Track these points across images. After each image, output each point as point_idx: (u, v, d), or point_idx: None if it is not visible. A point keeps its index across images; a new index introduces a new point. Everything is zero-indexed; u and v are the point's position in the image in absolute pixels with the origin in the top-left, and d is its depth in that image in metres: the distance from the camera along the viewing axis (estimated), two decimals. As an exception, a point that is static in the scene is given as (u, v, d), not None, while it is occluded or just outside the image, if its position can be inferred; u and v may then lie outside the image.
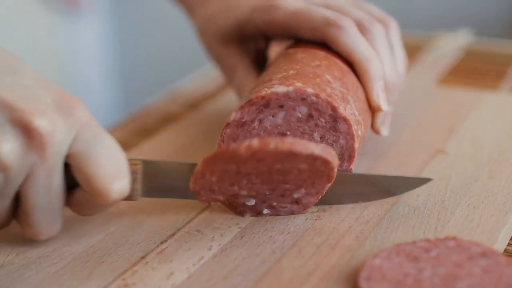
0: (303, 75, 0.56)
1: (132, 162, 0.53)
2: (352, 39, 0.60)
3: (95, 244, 0.54)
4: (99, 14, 1.83)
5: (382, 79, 0.61)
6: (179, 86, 0.88)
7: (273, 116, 0.54)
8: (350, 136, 0.54)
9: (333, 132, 0.54)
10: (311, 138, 0.55)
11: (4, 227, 0.53)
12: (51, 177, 0.49)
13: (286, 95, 0.53)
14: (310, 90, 0.53)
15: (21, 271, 0.51)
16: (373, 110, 0.61)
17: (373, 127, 0.62)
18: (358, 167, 0.61)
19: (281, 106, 0.54)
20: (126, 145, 0.73)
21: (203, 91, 0.85)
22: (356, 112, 0.56)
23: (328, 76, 0.57)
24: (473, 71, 0.87)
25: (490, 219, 0.54)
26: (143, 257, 0.52)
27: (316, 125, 0.54)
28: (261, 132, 0.54)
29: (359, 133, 0.56)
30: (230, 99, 0.77)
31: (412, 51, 0.91)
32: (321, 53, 0.60)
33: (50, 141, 0.48)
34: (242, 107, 0.54)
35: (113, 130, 0.77)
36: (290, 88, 0.53)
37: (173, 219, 0.57)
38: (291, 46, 0.64)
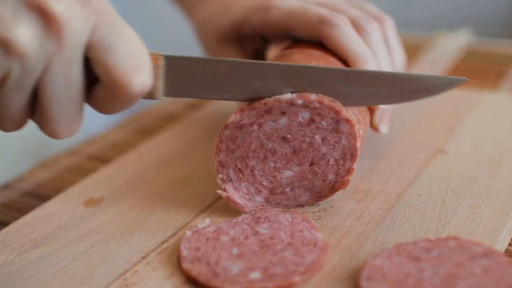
0: None
1: (154, 56, 0.51)
2: (347, 37, 0.60)
3: (96, 244, 0.54)
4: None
5: None
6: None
7: (274, 122, 0.54)
8: (352, 136, 0.54)
9: (334, 134, 0.54)
10: (312, 140, 0.55)
11: (20, 127, 0.50)
12: (70, 67, 0.47)
13: (290, 102, 0.53)
14: (313, 96, 0.53)
15: (22, 271, 0.51)
16: (370, 108, 0.61)
17: (372, 124, 0.62)
18: (358, 166, 0.61)
19: (283, 113, 0.54)
20: (126, 145, 0.73)
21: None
22: (356, 111, 0.56)
23: None
24: (473, 71, 0.87)
25: (491, 219, 0.54)
26: (144, 257, 0.52)
27: (318, 128, 0.54)
28: (261, 135, 0.54)
29: (360, 132, 0.56)
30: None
31: (412, 51, 0.91)
32: (317, 53, 0.60)
33: (68, 27, 0.45)
34: (242, 110, 0.54)
35: (113, 130, 0.77)
36: (294, 96, 0.53)
37: (174, 218, 0.57)
38: (288, 47, 0.64)
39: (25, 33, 0.44)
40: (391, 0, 1.32)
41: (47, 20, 0.45)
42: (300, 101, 0.53)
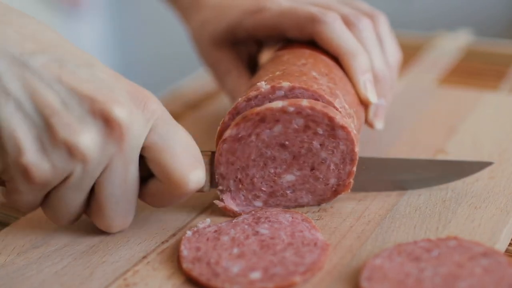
0: (289, 75, 0.56)
1: (204, 153, 0.54)
2: (337, 34, 0.60)
3: (96, 244, 0.54)
4: (99, 14, 1.83)
5: (370, 72, 0.60)
6: (179, 86, 0.88)
7: (270, 129, 0.54)
8: (350, 141, 0.54)
9: (332, 139, 0.54)
10: (310, 146, 0.54)
11: (74, 221, 0.53)
12: (127, 168, 0.49)
13: (281, 110, 0.53)
14: (305, 103, 0.53)
15: (22, 271, 0.51)
16: (363, 103, 0.61)
17: (366, 120, 0.62)
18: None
19: (277, 120, 0.54)
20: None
21: (203, 91, 0.85)
22: (346, 106, 0.56)
23: (314, 73, 0.57)
24: (473, 71, 0.87)
25: (491, 219, 0.54)
26: (144, 257, 0.52)
27: (315, 133, 0.54)
28: (259, 144, 0.54)
29: (352, 126, 0.56)
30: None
31: (412, 51, 0.91)
32: (307, 52, 0.60)
33: (128, 131, 0.48)
34: (237, 124, 0.54)
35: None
36: (285, 103, 0.53)
37: (174, 219, 0.57)
38: (280, 49, 0.64)
39: (88, 139, 0.47)
40: (391, 0, 1.32)
41: (109, 126, 0.48)
42: (291, 109, 0.53)
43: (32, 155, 0.47)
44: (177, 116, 0.79)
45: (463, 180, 0.59)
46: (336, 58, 0.61)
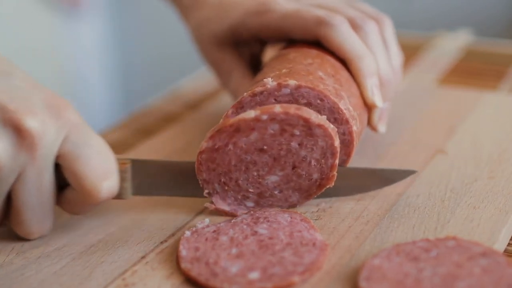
0: (295, 73, 0.56)
1: (121, 162, 0.54)
2: (344, 37, 0.60)
3: (95, 244, 0.54)
4: (99, 14, 1.82)
5: (376, 76, 0.61)
6: (179, 86, 0.88)
7: (246, 137, 0.54)
8: (328, 137, 0.54)
9: (310, 138, 0.54)
10: (289, 147, 0.54)
11: None
12: (41, 176, 0.50)
13: (255, 119, 0.53)
14: (277, 109, 0.53)
15: (21, 271, 0.51)
16: (368, 107, 0.61)
17: (370, 124, 0.62)
18: (358, 167, 0.61)
19: (252, 129, 0.54)
20: (126, 145, 0.73)
21: (203, 91, 0.85)
22: (350, 107, 0.56)
23: (320, 73, 0.57)
24: (473, 71, 0.87)
25: (490, 219, 0.54)
26: (143, 257, 0.52)
27: (292, 135, 0.54)
28: (238, 151, 0.54)
29: (355, 128, 0.56)
30: (230, 99, 0.77)
31: (412, 51, 0.91)
32: (314, 52, 0.60)
33: (40, 141, 0.49)
34: (212, 136, 0.54)
35: (113, 130, 0.77)
36: (258, 112, 0.53)
37: (172, 219, 0.57)
38: (285, 47, 0.64)
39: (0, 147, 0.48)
40: (391, 0, 1.32)
41: (21, 135, 0.49)
42: (265, 117, 0.53)
43: None
44: (177, 116, 0.79)
45: (462, 180, 0.59)
46: (342, 60, 0.61)
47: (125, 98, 1.90)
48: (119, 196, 0.55)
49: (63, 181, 0.52)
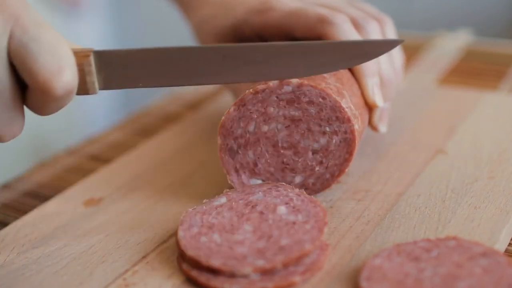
0: None
1: (82, 54, 0.51)
2: (346, 36, 0.60)
3: (96, 244, 0.54)
4: (99, 14, 1.82)
5: (377, 76, 0.61)
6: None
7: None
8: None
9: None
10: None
11: None
12: None
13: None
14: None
15: (22, 271, 0.51)
16: (369, 106, 0.61)
17: (370, 124, 0.62)
18: (358, 167, 0.62)
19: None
20: (126, 145, 0.73)
21: (203, 91, 0.85)
22: (352, 106, 0.56)
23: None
24: (473, 71, 0.87)
25: (491, 219, 0.54)
26: (144, 257, 0.52)
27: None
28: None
29: (356, 126, 0.56)
30: (230, 99, 0.77)
31: (412, 51, 0.91)
32: None
33: None
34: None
35: (113, 130, 0.77)
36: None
37: (173, 219, 0.57)
38: None
39: None
40: (391, 0, 1.32)
41: None
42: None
43: None
44: (177, 116, 0.79)
45: (463, 180, 0.59)
46: None
47: (125, 98, 1.90)
48: (85, 91, 0.51)
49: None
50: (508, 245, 0.54)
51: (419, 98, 0.78)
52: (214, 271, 0.48)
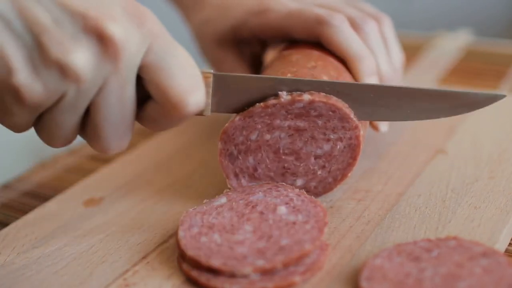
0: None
1: (205, 75, 0.52)
2: (345, 36, 0.60)
3: (96, 244, 0.54)
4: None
5: (376, 75, 0.61)
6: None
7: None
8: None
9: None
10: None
11: (69, 143, 0.50)
12: (124, 88, 0.47)
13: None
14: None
15: (22, 270, 0.51)
16: None
17: (371, 123, 0.62)
18: (358, 167, 0.61)
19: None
20: (126, 145, 0.73)
21: (203, 91, 0.85)
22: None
23: (325, 77, 0.57)
24: (473, 71, 0.87)
25: (491, 219, 0.54)
26: (144, 257, 0.52)
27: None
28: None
29: (361, 132, 0.56)
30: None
31: (412, 51, 0.91)
32: (316, 53, 0.60)
33: (124, 48, 0.46)
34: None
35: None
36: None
37: (174, 219, 0.57)
38: (286, 48, 0.64)
39: (82, 57, 0.45)
40: (391, 0, 1.32)
41: (104, 44, 0.45)
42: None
43: (23, 75, 0.44)
44: (177, 116, 0.79)
45: (463, 180, 0.59)
46: (342, 60, 0.61)
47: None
48: (201, 112, 0.52)
49: (143, 95, 0.49)
50: (508, 245, 0.54)
51: (419, 98, 0.77)
52: (214, 271, 0.48)
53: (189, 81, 0.48)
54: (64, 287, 0.49)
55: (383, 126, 0.62)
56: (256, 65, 0.69)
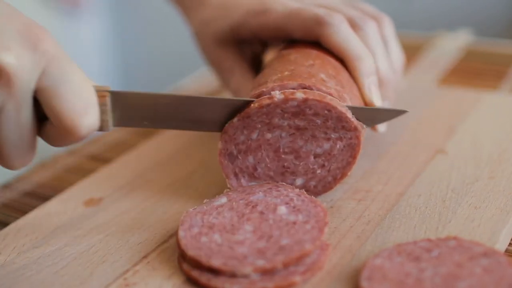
0: (298, 76, 0.56)
1: (100, 94, 0.52)
2: (343, 36, 0.60)
3: (96, 244, 0.54)
4: (99, 14, 1.83)
5: (375, 75, 0.61)
6: (179, 86, 0.88)
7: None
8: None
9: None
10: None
11: None
12: (20, 112, 0.49)
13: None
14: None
15: (22, 271, 0.51)
16: (367, 104, 0.61)
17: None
18: (358, 167, 0.61)
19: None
20: (126, 145, 0.73)
21: (203, 91, 0.85)
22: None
23: (322, 75, 0.57)
24: (473, 71, 0.87)
25: (491, 219, 0.54)
26: (144, 257, 0.52)
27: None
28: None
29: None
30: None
31: (412, 51, 0.91)
32: (314, 52, 0.60)
33: (17, 76, 0.47)
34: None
35: (113, 130, 0.77)
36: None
37: (174, 219, 0.57)
38: (285, 47, 0.64)
39: None
40: (391, 0, 1.32)
41: None
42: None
43: None
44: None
45: (463, 180, 0.59)
46: (342, 60, 0.61)
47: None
48: (100, 128, 0.53)
49: (44, 114, 0.51)
50: (509, 245, 0.54)
51: (419, 98, 0.78)
52: (214, 271, 0.48)
53: (81, 105, 0.50)
54: (65, 287, 0.49)
55: (381, 126, 0.62)
56: (257, 65, 0.69)
